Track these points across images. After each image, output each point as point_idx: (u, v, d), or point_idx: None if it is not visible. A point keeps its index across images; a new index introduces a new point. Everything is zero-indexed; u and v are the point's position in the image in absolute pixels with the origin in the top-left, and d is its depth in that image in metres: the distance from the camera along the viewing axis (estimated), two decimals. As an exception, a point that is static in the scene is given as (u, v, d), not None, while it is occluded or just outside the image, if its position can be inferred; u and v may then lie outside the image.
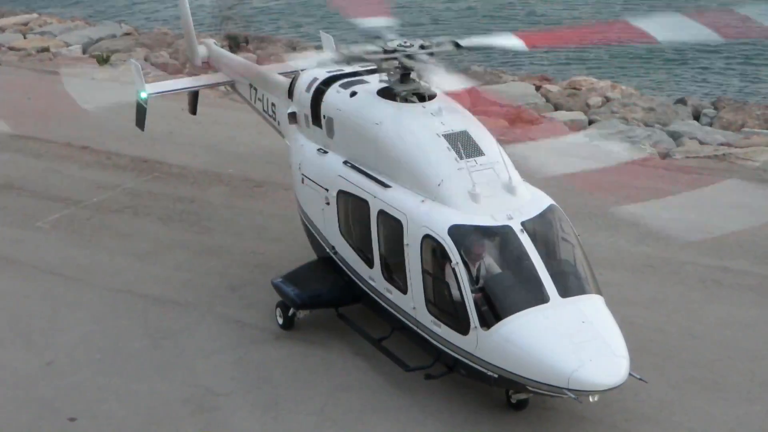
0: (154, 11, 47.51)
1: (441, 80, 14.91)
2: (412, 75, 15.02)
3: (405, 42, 14.94)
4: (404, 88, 14.94)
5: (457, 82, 15.02)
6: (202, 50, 20.83)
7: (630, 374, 12.60)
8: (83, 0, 50.91)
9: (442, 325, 13.47)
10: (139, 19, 44.06)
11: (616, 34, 18.35)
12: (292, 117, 17.00)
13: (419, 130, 14.31)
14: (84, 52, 34.32)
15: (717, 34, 15.72)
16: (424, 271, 13.59)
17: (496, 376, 13.01)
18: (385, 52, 14.92)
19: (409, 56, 14.86)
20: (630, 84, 29.26)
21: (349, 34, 23.03)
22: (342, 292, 15.63)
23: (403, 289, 14.03)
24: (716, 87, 31.79)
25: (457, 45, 15.13)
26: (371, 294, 14.95)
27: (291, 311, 15.98)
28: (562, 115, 26.06)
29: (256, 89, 19.18)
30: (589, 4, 44.37)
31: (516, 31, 16.86)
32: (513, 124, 25.17)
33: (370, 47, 15.13)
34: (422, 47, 14.92)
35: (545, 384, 12.54)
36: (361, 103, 15.39)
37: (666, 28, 16.31)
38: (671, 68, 34.11)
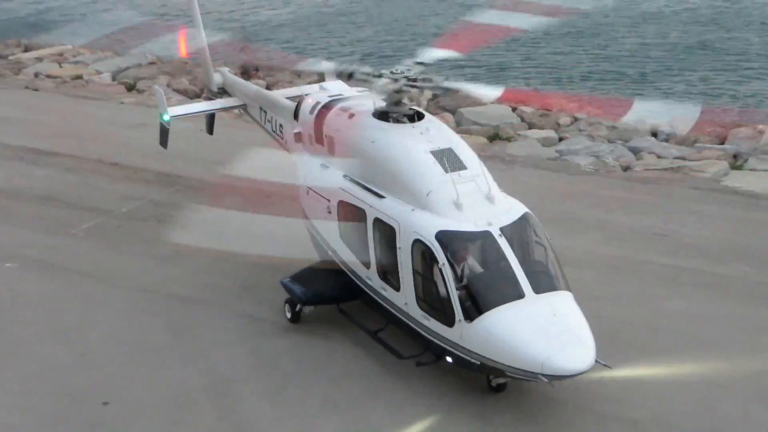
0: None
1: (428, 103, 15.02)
2: (404, 99, 15.04)
3: (396, 70, 14.97)
4: (396, 109, 15.00)
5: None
6: (217, 77, 20.89)
7: (596, 361, 12.64)
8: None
9: (431, 318, 13.51)
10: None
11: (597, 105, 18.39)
12: (298, 136, 17.05)
13: (409, 148, 14.37)
14: (113, 79, 34.36)
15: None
16: (414, 271, 13.63)
17: (478, 363, 13.06)
18: (381, 77, 14.98)
19: (399, 81, 14.87)
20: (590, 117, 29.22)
21: (350, 62, 23.01)
22: (342, 290, 15.64)
23: (396, 287, 14.06)
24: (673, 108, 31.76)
25: (445, 88, 15.23)
26: (368, 291, 14.97)
27: (297, 307, 16.01)
28: (536, 133, 26.13)
29: (265, 112, 19.23)
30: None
31: (508, 87, 16.98)
32: (492, 141, 25.28)
33: (366, 69, 15.21)
34: (412, 78, 14.92)
35: (521, 370, 12.58)
36: (358, 124, 15.43)
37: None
38: (634, 91, 34.09)
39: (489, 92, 16.16)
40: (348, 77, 15.63)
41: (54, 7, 57.83)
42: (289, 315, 16.15)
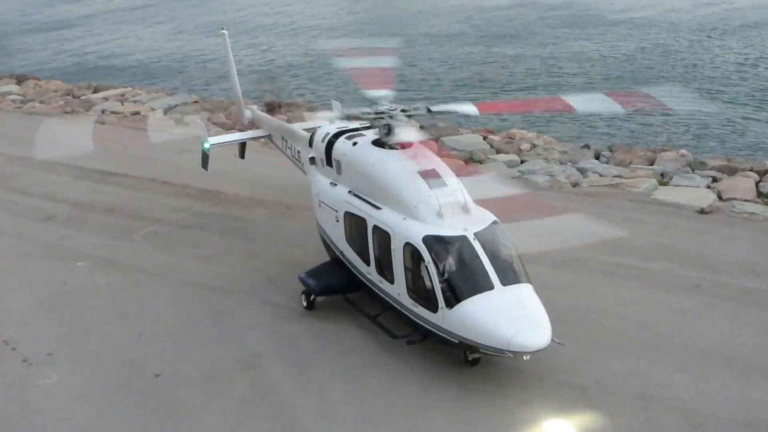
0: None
1: (414, 133, 14.99)
2: (396, 130, 14.94)
3: (391, 107, 14.96)
4: (390, 139, 14.99)
5: (425, 135, 15.10)
6: (248, 113, 20.87)
7: (552, 340, 12.62)
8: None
9: (419, 306, 13.48)
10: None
11: (547, 105, 18.36)
12: (312, 160, 17.02)
13: (401, 169, 14.36)
14: (164, 114, 34.30)
15: (621, 107, 15.81)
16: (405, 268, 13.61)
17: (457, 341, 13.04)
18: (376, 113, 14.97)
19: (393, 117, 14.88)
20: (550, 134, 29.19)
21: (354, 100, 22.99)
22: (348, 283, 15.59)
23: (391, 281, 14.03)
24: (611, 136, 31.74)
25: (429, 110, 15.16)
26: (368, 284, 14.94)
27: (312, 297, 15.97)
28: (502, 157, 26.05)
29: (286, 140, 19.21)
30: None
31: (475, 101, 16.88)
32: (467, 163, 25.21)
33: (365, 109, 15.19)
34: (403, 111, 14.94)
35: (492, 347, 12.57)
36: (360, 150, 15.42)
37: (586, 102, 16.35)
38: (579, 123, 34.05)
39: (467, 109, 15.95)
40: (351, 114, 15.58)
41: (118, 53, 57.98)
42: (305, 303, 16.10)
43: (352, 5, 71.77)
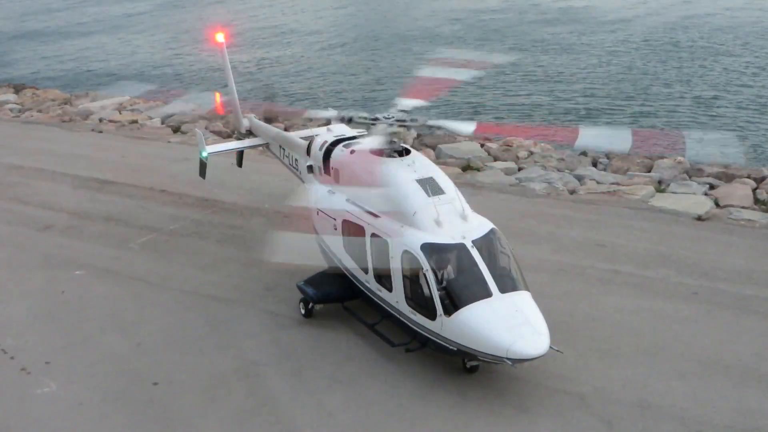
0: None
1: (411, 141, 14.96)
2: (394, 138, 15.00)
3: (388, 115, 14.96)
4: (388, 147, 15.01)
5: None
6: (246, 122, 20.94)
7: (550, 347, 12.64)
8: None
9: (417, 313, 13.50)
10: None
11: (552, 134, 18.14)
12: (310, 168, 17.07)
13: (399, 177, 14.36)
14: (162, 123, 34.39)
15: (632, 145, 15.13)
16: (404, 276, 13.63)
17: (455, 349, 13.05)
18: (373, 120, 14.98)
19: (390, 125, 14.89)
20: (547, 142, 29.23)
21: (350, 109, 23.03)
22: (346, 291, 15.60)
23: (389, 289, 14.05)
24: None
25: (428, 126, 15.17)
26: (367, 292, 14.95)
27: (310, 305, 15.99)
28: (500, 164, 26.15)
29: (284, 149, 19.26)
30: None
31: (480, 122, 16.79)
32: (464, 171, 25.26)
33: (363, 115, 15.21)
34: (398, 121, 14.88)
35: (490, 354, 12.58)
36: (358, 158, 15.46)
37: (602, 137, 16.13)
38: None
39: (465, 127, 16.15)
40: (348, 121, 15.62)
41: (115, 62, 58.03)
42: (303, 311, 16.11)
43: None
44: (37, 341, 15.93)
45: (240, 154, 21.52)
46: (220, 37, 20.31)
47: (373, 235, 14.29)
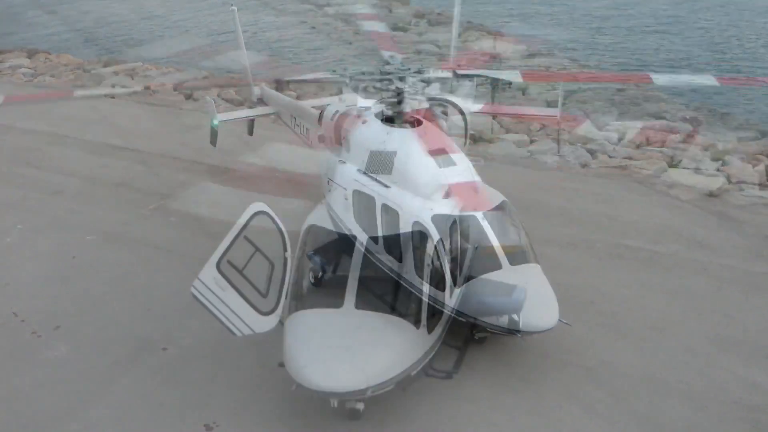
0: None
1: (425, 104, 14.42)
2: (407, 108, 14.47)
3: (401, 67, 14.15)
4: (400, 117, 14.72)
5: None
6: (257, 90, 20.78)
7: (559, 320, 12.61)
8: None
9: (427, 284, 13.41)
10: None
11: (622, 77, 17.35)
12: (321, 138, 16.91)
13: (411, 148, 14.21)
14: (174, 89, 34.21)
15: (716, 81, 14.24)
16: (414, 247, 13.52)
17: (464, 321, 13.01)
18: (382, 74, 14.34)
19: (403, 79, 14.13)
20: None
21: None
22: (354, 260, 15.52)
23: (400, 260, 13.98)
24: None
25: (456, 74, 14.63)
26: (376, 263, 14.87)
27: (320, 274, 15.92)
28: (512, 137, 25.99)
29: (295, 118, 19.11)
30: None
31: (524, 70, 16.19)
32: (476, 143, 25.10)
33: (369, 69, 14.64)
34: (417, 72, 14.16)
35: (499, 326, 12.56)
36: (369, 128, 15.27)
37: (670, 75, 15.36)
38: (592, 103, 33.59)
39: (471, 105, 15.93)
40: (362, 90, 15.38)
41: (129, 28, 57.64)
42: (312, 281, 16.06)
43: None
44: (47, 305, 15.99)
45: (251, 123, 21.37)
46: (232, 4, 20.11)
47: (384, 206, 14.18)
